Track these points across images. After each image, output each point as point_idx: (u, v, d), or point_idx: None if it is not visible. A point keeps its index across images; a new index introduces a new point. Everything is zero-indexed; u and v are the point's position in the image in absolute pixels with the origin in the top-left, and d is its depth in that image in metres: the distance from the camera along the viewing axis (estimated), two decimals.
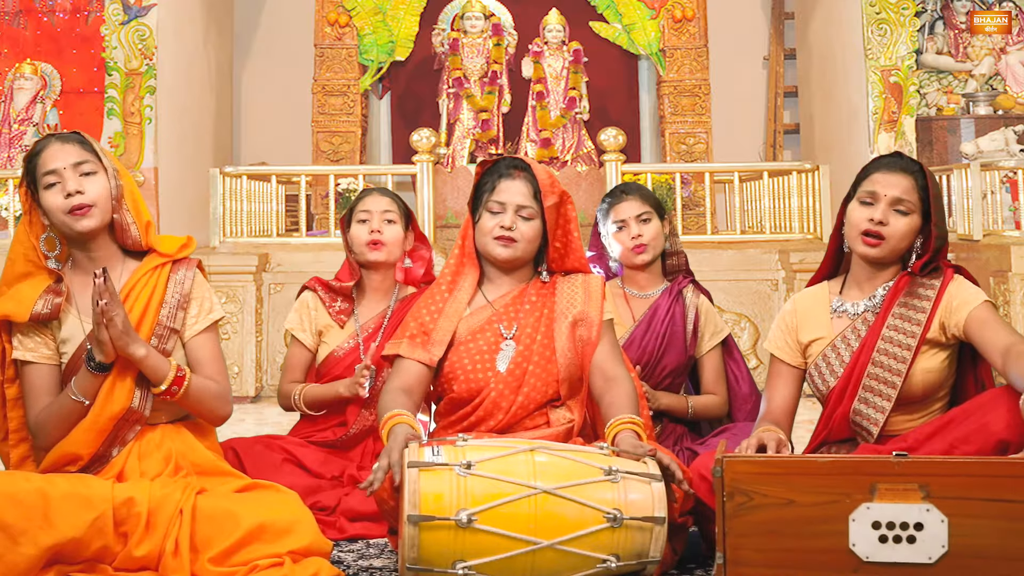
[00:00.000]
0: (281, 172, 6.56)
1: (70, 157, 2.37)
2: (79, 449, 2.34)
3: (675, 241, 3.28)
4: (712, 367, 3.22)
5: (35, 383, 2.38)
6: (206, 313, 2.49)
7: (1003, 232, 5.37)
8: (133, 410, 2.36)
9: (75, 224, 2.35)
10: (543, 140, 7.63)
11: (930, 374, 2.49)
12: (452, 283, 2.64)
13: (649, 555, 2.15)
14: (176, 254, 2.47)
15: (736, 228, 6.23)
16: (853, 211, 2.54)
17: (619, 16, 8.44)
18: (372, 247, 3.09)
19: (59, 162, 2.36)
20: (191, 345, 2.46)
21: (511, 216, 2.57)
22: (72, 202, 2.34)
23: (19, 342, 2.38)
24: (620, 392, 2.48)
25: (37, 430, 2.38)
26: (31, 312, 2.33)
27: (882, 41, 7.10)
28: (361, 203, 3.16)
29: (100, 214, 2.37)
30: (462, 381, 2.54)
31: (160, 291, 2.42)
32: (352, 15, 8.38)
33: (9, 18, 7.26)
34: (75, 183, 2.35)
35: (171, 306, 2.43)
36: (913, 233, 2.52)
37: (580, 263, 2.68)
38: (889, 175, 2.51)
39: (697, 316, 3.19)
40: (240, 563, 2.15)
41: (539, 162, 7.82)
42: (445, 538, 2.06)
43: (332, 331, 3.11)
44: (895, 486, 1.96)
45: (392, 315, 3.10)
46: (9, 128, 7.14)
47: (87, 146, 2.41)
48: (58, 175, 2.36)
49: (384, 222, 3.11)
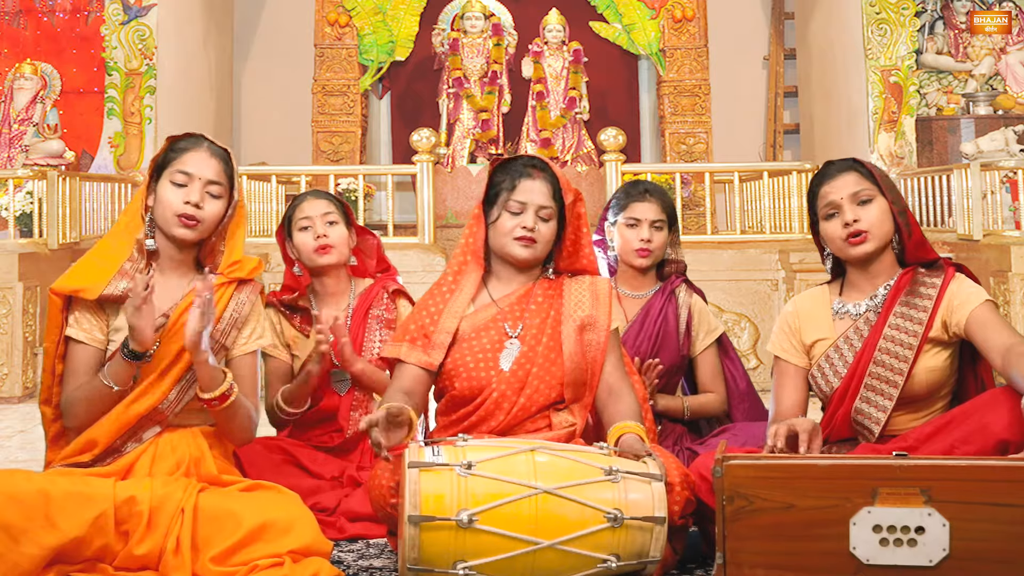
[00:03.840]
0: (281, 172, 6.56)
1: (207, 172, 2.46)
2: (98, 436, 2.38)
3: (677, 250, 3.28)
4: (708, 366, 3.22)
5: (78, 363, 2.42)
6: (256, 337, 2.56)
7: (1003, 232, 5.37)
8: (159, 410, 2.41)
9: (175, 230, 2.44)
10: (543, 140, 7.64)
11: (932, 373, 2.49)
12: (454, 282, 2.61)
13: (649, 555, 2.15)
14: (246, 275, 2.54)
15: (736, 228, 6.24)
16: (827, 228, 2.57)
17: (619, 16, 8.45)
18: (321, 252, 3.04)
19: (195, 168, 2.45)
20: (235, 363, 2.52)
21: (532, 217, 2.55)
22: (186, 210, 2.42)
23: (75, 320, 2.43)
24: (624, 405, 2.49)
25: (67, 408, 2.42)
26: (101, 292, 2.39)
27: (882, 41, 7.11)
28: (299, 210, 3.10)
29: (201, 232, 2.46)
30: (464, 379, 2.53)
31: (221, 307, 2.49)
32: (352, 15, 8.38)
33: (9, 18, 7.26)
34: (198, 196, 2.43)
35: (227, 323, 2.50)
36: (887, 215, 2.54)
37: (589, 261, 2.67)
38: (835, 180, 2.56)
39: (690, 315, 3.19)
40: (241, 563, 2.15)
41: None
42: (446, 538, 2.06)
43: (300, 342, 3.08)
44: (896, 490, 1.96)
45: (354, 312, 3.08)
46: (9, 128, 7.14)
47: (228, 170, 2.50)
48: (188, 179, 2.44)
49: (327, 224, 3.06)
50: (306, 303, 3.10)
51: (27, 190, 5.98)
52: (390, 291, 3.15)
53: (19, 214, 5.96)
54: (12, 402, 5.33)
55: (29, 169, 6.10)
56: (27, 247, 5.63)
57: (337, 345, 2.90)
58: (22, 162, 6.93)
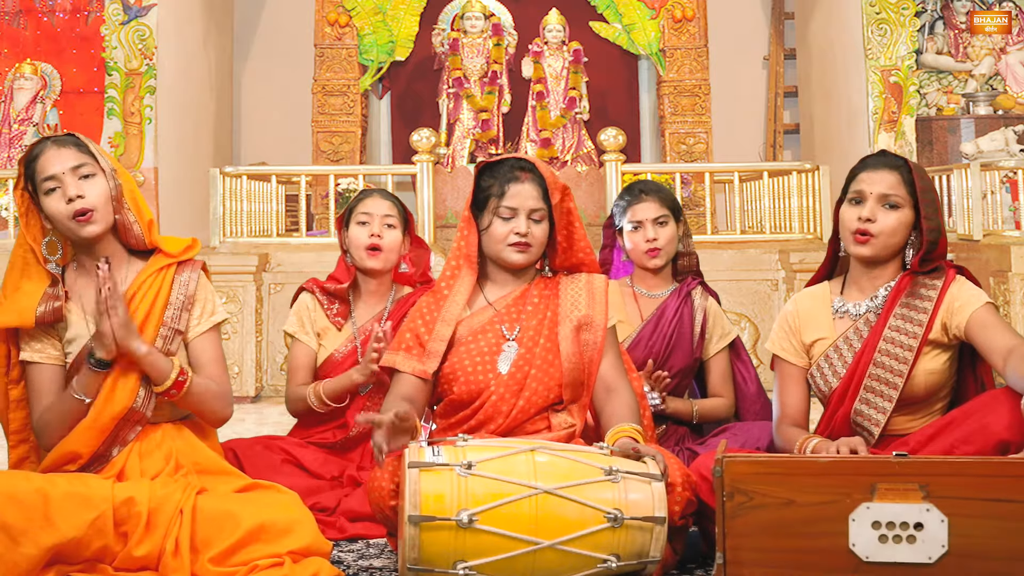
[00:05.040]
0: (281, 172, 6.55)
1: (68, 161, 2.36)
2: (79, 448, 2.34)
3: (688, 242, 3.28)
4: (719, 369, 3.22)
5: (40, 383, 2.38)
6: (209, 315, 2.49)
7: (1003, 232, 5.37)
8: (135, 410, 2.36)
9: (80, 231, 2.35)
10: (543, 140, 7.63)
11: (932, 375, 2.49)
12: (448, 287, 2.60)
13: (649, 555, 2.15)
14: (181, 255, 2.47)
15: (736, 228, 6.23)
16: (844, 212, 2.55)
17: (619, 16, 8.44)
18: (370, 253, 3.06)
19: (57, 166, 2.35)
20: (193, 346, 2.46)
21: (524, 221, 2.53)
22: (75, 207, 2.33)
23: (26, 344, 2.38)
24: (621, 403, 2.49)
25: (40, 430, 2.38)
26: (34, 317, 2.34)
27: (882, 41, 7.10)
28: (362, 204, 3.12)
29: (103, 218, 2.37)
30: (462, 382, 2.53)
31: (165, 292, 2.42)
32: (352, 15, 8.38)
33: (9, 18, 7.26)
34: (75, 188, 2.34)
35: (176, 307, 2.43)
36: (905, 228, 2.52)
37: (585, 254, 2.65)
38: (874, 173, 2.53)
39: (705, 318, 3.19)
40: (240, 563, 2.15)
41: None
42: (446, 538, 2.06)
43: (330, 333, 3.10)
44: (895, 486, 1.96)
45: (389, 316, 3.09)
46: (9, 128, 7.14)
47: (84, 148, 2.39)
48: (58, 180, 2.35)
49: (384, 226, 3.08)
50: (346, 296, 3.11)
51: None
52: None
53: (18, 215, 5.96)
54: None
55: None
56: None
57: (366, 350, 2.92)
58: None
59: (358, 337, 3.08)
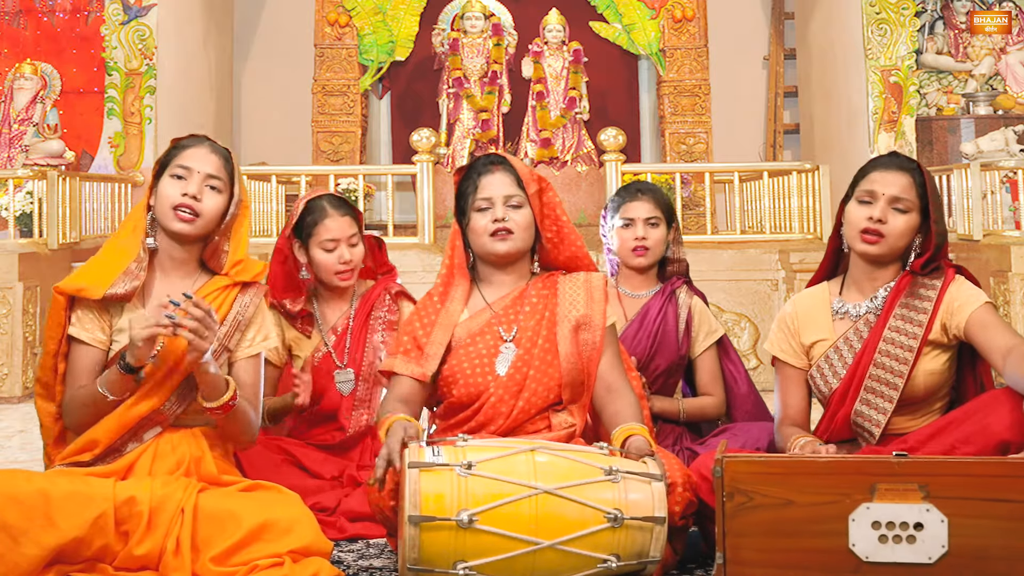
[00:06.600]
0: (281, 172, 6.56)
1: (207, 166, 2.43)
2: (100, 436, 2.36)
3: (678, 249, 3.26)
4: (707, 368, 3.21)
5: (80, 363, 2.40)
6: (261, 340, 2.52)
7: (1003, 232, 5.37)
8: (160, 412, 2.39)
9: (172, 223, 2.41)
10: (543, 140, 7.64)
11: (932, 375, 2.49)
12: (444, 294, 2.61)
13: (649, 555, 2.15)
14: (250, 278, 2.51)
15: (736, 228, 6.24)
16: (852, 210, 2.54)
17: (619, 16, 8.45)
18: (344, 277, 3.03)
19: (194, 163, 2.43)
20: (238, 366, 2.49)
21: (501, 208, 2.54)
22: (183, 201, 2.40)
23: (77, 319, 2.41)
24: (624, 403, 2.49)
25: (66, 409, 2.41)
26: (106, 292, 2.37)
27: (882, 41, 7.11)
28: (324, 228, 3.00)
29: (201, 227, 2.43)
30: (461, 385, 2.53)
31: (225, 310, 2.46)
32: (352, 15, 8.38)
33: (9, 18, 7.27)
34: (197, 188, 2.41)
35: (230, 325, 2.47)
36: (912, 231, 2.52)
37: (577, 248, 2.65)
38: (887, 174, 2.52)
39: (690, 316, 3.18)
40: (241, 563, 2.15)
41: (539, 162, 7.85)
42: (446, 538, 2.06)
43: (301, 342, 3.08)
44: (895, 486, 1.96)
45: (356, 313, 3.08)
46: (9, 128, 7.14)
47: (228, 166, 2.47)
48: (187, 172, 2.42)
49: (349, 247, 3.03)
50: (308, 305, 3.09)
51: (27, 190, 5.98)
52: (392, 293, 3.15)
53: (19, 214, 5.96)
54: (12, 402, 5.33)
55: (29, 169, 6.11)
56: (27, 247, 5.64)
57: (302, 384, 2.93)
58: (22, 162, 6.93)
59: (328, 339, 3.06)
